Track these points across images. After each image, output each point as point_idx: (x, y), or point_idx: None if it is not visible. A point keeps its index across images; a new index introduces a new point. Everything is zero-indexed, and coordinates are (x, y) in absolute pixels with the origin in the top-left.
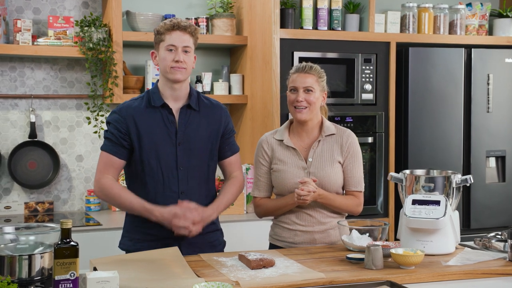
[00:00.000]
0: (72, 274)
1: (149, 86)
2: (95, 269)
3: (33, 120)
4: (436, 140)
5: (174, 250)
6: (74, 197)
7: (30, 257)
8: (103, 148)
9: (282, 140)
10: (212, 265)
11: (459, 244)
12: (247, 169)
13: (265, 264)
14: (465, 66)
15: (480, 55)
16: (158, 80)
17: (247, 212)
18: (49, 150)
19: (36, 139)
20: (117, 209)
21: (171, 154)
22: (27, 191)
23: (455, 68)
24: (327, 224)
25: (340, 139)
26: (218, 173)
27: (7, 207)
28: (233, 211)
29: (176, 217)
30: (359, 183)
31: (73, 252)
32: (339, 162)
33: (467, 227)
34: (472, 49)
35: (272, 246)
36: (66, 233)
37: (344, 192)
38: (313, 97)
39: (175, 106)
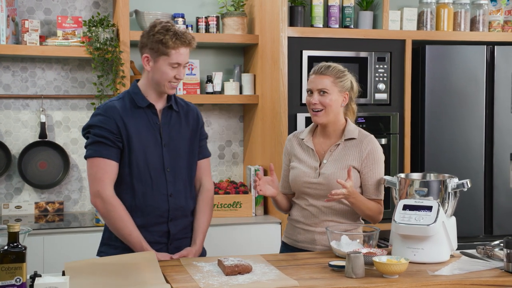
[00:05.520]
0: (18, 280)
1: None
2: (63, 273)
3: (43, 120)
4: (456, 142)
5: (150, 255)
6: (84, 197)
7: None
8: (95, 155)
9: (303, 139)
10: (187, 270)
11: (460, 252)
12: (256, 170)
13: (240, 270)
14: (487, 64)
15: (504, 52)
16: (137, 80)
17: (255, 215)
18: (60, 150)
19: (46, 139)
20: None
21: (158, 155)
22: (37, 191)
23: (476, 67)
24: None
25: (359, 145)
26: (228, 175)
27: (18, 207)
28: (241, 213)
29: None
30: (378, 191)
31: (20, 256)
32: (354, 168)
33: (489, 233)
34: (495, 47)
35: (283, 244)
36: (13, 237)
37: None
38: (328, 100)
39: (158, 107)
